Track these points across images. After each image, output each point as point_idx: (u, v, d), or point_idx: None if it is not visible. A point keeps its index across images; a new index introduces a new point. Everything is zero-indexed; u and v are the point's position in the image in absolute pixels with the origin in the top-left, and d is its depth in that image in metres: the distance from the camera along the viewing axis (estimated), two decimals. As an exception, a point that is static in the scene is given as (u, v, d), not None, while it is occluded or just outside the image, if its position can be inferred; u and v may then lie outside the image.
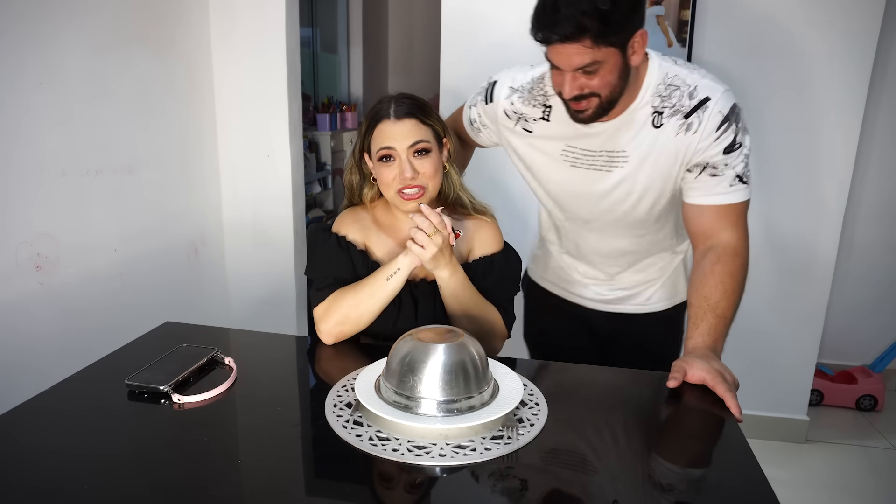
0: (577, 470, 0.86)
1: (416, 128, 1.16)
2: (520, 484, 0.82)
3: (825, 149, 2.10)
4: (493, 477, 0.82)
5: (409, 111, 1.16)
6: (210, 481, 0.81)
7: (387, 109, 1.16)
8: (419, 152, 1.15)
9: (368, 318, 1.18)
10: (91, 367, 1.10)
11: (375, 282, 1.17)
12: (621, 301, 1.47)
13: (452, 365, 0.90)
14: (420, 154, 1.16)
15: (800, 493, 2.10)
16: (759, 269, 2.23)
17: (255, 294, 2.42)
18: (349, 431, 0.89)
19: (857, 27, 1.98)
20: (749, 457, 0.87)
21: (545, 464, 0.86)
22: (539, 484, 0.82)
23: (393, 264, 1.16)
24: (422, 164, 1.16)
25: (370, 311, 1.17)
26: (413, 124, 1.15)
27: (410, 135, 1.15)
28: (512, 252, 1.31)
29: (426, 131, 1.17)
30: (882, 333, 2.73)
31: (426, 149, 1.16)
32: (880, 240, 2.66)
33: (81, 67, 1.67)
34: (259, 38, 2.22)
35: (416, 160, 1.15)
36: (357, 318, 1.17)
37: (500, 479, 0.82)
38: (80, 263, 1.71)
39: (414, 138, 1.15)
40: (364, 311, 1.17)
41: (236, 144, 2.33)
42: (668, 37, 2.05)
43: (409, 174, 1.14)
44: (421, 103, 1.19)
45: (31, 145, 1.54)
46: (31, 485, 0.79)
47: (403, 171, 1.14)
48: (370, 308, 1.17)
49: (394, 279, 1.16)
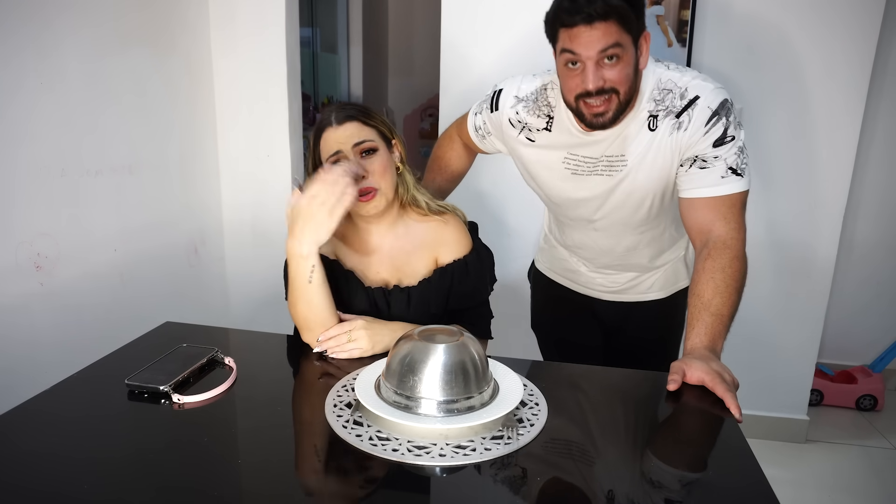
0: (578, 470, 0.86)
1: (359, 129, 1.17)
2: (520, 484, 0.82)
3: (825, 149, 2.10)
4: (493, 477, 0.82)
5: (350, 115, 1.17)
6: (210, 482, 0.81)
7: (328, 118, 1.18)
8: (366, 152, 1.16)
9: (327, 315, 1.15)
10: (91, 367, 1.10)
11: (300, 290, 1.13)
12: (625, 291, 1.49)
13: (452, 365, 0.90)
14: (367, 154, 1.16)
15: (800, 493, 2.10)
16: (759, 269, 2.23)
17: (255, 294, 2.42)
18: (349, 431, 0.89)
19: (857, 27, 1.98)
20: (749, 457, 0.87)
21: (545, 464, 0.86)
22: (539, 484, 0.82)
23: (303, 264, 1.11)
24: (370, 163, 1.16)
25: (320, 311, 1.14)
26: (355, 126, 1.16)
27: (354, 136, 1.16)
28: (483, 249, 1.30)
29: (370, 131, 1.17)
30: (882, 333, 2.73)
31: (372, 147, 1.16)
32: (880, 240, 2.66)
33: (81, 67, 1.67)
34: (259, 38, 2.22)
35: (364, 160, 1.16)
36: (317, 321, 1.15)
37: (500, 480, 0.82)
38: (80, 263, 1.71)
39: (358, 138, 1.16)
40: (316, 315, 1.14)
41: (236, 144, 2.33)
42: (668, 37, 2.05)
43: (359, 172, 1.13)
44: (362, 108, 1.20)
45: (32, 145, 1.54)
46: (30, 485, 0.79)
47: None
48: (318, 310, 1.14)
49: (315, 277, 1.12)
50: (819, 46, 2.01)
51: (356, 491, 0.81)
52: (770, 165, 2.14)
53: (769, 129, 2.11)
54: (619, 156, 1.24)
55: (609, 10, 1.05)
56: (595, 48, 1.08)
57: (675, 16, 2.03)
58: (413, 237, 1.24)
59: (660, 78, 1.20)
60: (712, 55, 2.06)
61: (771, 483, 0.81)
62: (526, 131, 1.32)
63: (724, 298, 1.13)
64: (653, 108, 1.20)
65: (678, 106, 1.18)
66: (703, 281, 1.14)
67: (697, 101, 1.17)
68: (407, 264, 1.24)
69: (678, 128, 1.19)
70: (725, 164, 1.17)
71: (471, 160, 1.58)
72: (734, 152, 1.18)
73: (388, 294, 1.23)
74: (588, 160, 1.27)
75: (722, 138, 1.17)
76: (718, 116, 1.16)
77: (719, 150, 1.17)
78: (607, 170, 1.26)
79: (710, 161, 1.18)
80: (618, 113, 1.15)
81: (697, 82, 1.19)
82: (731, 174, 1.18)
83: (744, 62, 2.06)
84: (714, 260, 1.15)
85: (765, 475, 0.83)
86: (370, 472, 0.83)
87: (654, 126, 1.20)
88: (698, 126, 1.17)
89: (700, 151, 1.18)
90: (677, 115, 1.18)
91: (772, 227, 2.19)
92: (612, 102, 1.13)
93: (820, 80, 2.04)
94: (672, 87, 1.19)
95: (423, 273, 1.24)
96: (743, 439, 0.91)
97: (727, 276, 1.14)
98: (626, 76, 1.12)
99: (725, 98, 1.18)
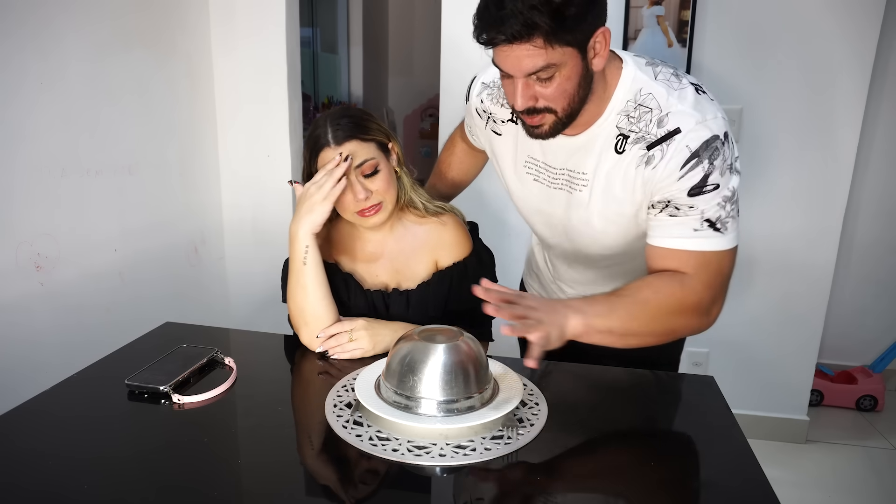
0: (578, 470, 0.86)
1: (359, 148, 1.12)
2: (519, 484, 0.82)
3: (825, 149, 2.10)
4: (493, 477, 0.82)
5: (348, 133, 1.12)
6: (210, 481, 0.81)
7: (325, 136, 1.12)
8: (368, 173, 1.13)
9: (323, 307, 1.15)
10: (91, 367, 1.10)
11: (296, 273, 1.15)
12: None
13: (452, 365, 0.90)
14: (370, 175, 1.14)
15: (800, 493, 2.10)
16: (759, 269, 2.24)
17: (255, 294, 2.42)
18: (349, 431, 0.89)
19: (858, 27, 1.98)
20: (749, 457, 0.87)
21: (545, 464, 0.86)
22: (539, 484, 0.82)
23: (298, 245, 1.13)
24: (373, 182, 1.14)
25: (316, 300, 1.14)
26: (354, 146, 1.12)
27: (354, 157, 1.12)
28: (483, 251, 1.29)
29: (369, 147, 1.14)
30: (882, 333, 2.73)
31: (374, 168, 1.14)
32: (880, 240, 2.65)
33: (82, 67, 1.67)
34: (259, 38, 2.22)
35: (366, 180, 1.13)
36: (313, 314, 1.15)
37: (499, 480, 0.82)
38: (80, 263, 1.71)
39: (359, 159, 1.12)
40: (312, 305, 1.14)
41: (236, 144, 2.33)
42: (668, 37, 2.05)
43: (362, 196, 1.12)
44: (358, 119, 1.15)
45: (32, 145, 1.54)
46: (30, 485, 0.79)
47: (356, 193, 1.12)
48: (314, 299, 1.14)
49: (309, 259, 1.13)
50: (820, 46, 2.01)
51: (356, 491, 0.81)
52: (770, 165, 2.14)
53: (769, 128, 2.11)
54: (582, 172, 1.07)
55: (530, 29, 0.88)
56: (521, 70, 0.93)
57: (675, 16, 2.03)
58: (412, 239, 1.24)
59: (640, 89, 1.00)
60: (712, 55, 2.06)
61: (771, 483, 0.81)
62: (491, 123, 1.20)
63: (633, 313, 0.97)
64: (624, 126, 1.01)
65: (653, 135, 0.98)
66: (633, 284, 1.00)
67: (675, 137, 0.96)
68: (406, 267, 1.24)
69: (647, 163, 0.99)
70: (702, 217, 0.97)
71: (474, 164, 1.48)
72: (716, 203, 0.97)
73: (387, 297, 1.23)
74: (548, 169, 1.13)
75: (700, 186, 0.96)
76: (698, 159, 0.95)
77: (695, 200, 0.97)
78: (567, 185, 1.10)
79: (684, 210, 0.98)
80: (559, 127, 1.00)
81: (684, 109, 0.97)
82: (709, 228, 0.98)
83: (744, 62, 2.06)
84: (658, 278, 1.00)
85: (765, 475, 0.83)
86: (370, 472, 0.83)
87: (621, 148, 1.02)
88: (672, 168, 0.96)
89: (672, 196, 0.98)
90: (648, 147, 0.98)
91: (772, 227, 2.19)
92: (546, 118, 0.98)
93: (820, 80, 2.04)
94: (652, 106, 0.99)
95: (423, 276, 1.24)
96: (743, 439, 0.91)
97: (658, 302, 0.97)
98: (563, 92, 0.95)
99: (715, 135, 0.96)
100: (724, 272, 1.01)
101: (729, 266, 1.01)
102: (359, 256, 1.25)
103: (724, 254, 1.00)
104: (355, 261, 1.25)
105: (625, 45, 2.08)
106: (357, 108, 1.22)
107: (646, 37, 2.06)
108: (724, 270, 1.01)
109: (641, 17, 2.05)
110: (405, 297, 1.22)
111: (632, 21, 2.06)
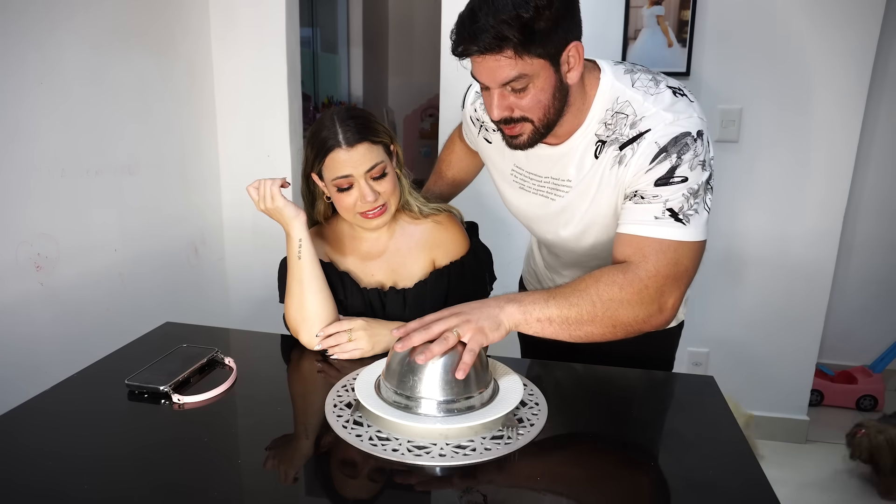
0: (577, 470, 0.86)
1: (370, 151, 1.12)
2: (520, 484, 0.82)
3: (825, 148, 2.10)
4: (493, 477, 0.82)
5: (359, 135, 1.11)
6: (210, 481, 0.81)
7: (335, 137, 1.11)
8: (377, 176, 1.13)
9: (320, 303, 1.15)
10: (91, 368, 1.11)
11: (293, 268, 1.16)
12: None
13: (452, 365, 0.90)
14: (378, 178, 1.13)
15: (800, 493, 2.10)
16: (759, 269, 2.24)
17: (255, 294, 2.42)
18: (349, 431, 0.89)
19: (858, 27, 1.98)
20: (749, 457, 0.87)
21: (545, 464, 0.86)
22: (539, 484, 0.82)
23: (292, 239, 1.16)
24: (381, 184, 1.14)
25: (313, 297, 1.15)
26: (366, 148, 1.11)
27: (365, 160, 1.11)
28: (480, 250, 1.29)
29: (378, 151, 1.13)
30: (882, 333, 2.73)
31: (383, 171, 1.14)
32: (880, 240, 2.66)
33: (81, 67, 1.67)
34: (259, 38, 2.22)
35: (375, 183, 1.13)
36: (310, 311, 1.15)
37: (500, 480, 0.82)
38: (80, 263, 1.71)
39: (370, 163, 1.12)
40: (309, 300, 1.15)
41: (236, 144, 2.33)
42: (668, 37, 2.05)
43: (371, 198, 1.12)
44: (366, 120, 1.14)
45: (31, 145, 1.54)
46: (31, 485, 0.79)
47: (364, 195, 1.12)
48: (311, 294, 1.15)
49: (304, 253, 1.14)
50: (820, 46, 2.01)
51: (356, 491, 0.81)
52: (770, 166, 2.14)
53: (769, 128, 2.11)
54: (566, 180, 1.11)
55: (500, 41, 0.91)
56: (495, 80, 0.96)
57: (675, 16, 2.03)
58: (408, 239, 1.24)
59: (617, 97, 1.04)
60: (712, 55, 2.06)
61: (771, 483, 0.81)
62: (483, 131, 1.23)
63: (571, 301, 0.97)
64: (602, 133, 1.05)
65: (625, 136, 1.02)
66: (579, 277, 1.01)
67: (646, 136, 1.00)
68: (403, 266, 1.24)
69: (619, 162, 1.03)
70: (664, 205, 0.99)
71: (474, 163, 1.49)
72: (681, 195, 0.99)
73: (384, 295, 1.23)
74: (533, 177, 1.16)
75: (667, 177, 0.99)
76: (666, 154, 0.99)
77: (661, 190, 0.99)
78: (552, 192, 1.14)
79: (648, 198, 1.00)
80: (536, 137, 1.03)
81: (657, 111, 1.01)
82: (670, 217, 0.99)
83: (744, 62, 2.06)
84: (604, 269, 1.00)
85: (765, 475, 0.83)
86: (370, 472, 0.83)
87: (598, 153, 1.06)
88: (642, 163, 1.00)
89: (640, 187, 1.01)
90: (620, 147, 1.03)
91: (772, 227, 2.19)
92: (524, 128, 1.01)
93: (820, 80, 2.04)
94: (627, 112, 1.03)
95: (419, 275, 1.24)
96: (743, 439, 0.91)
97: (598, 289, 0.97)
98: (538, 103, 0.98)
99: (686, 132, 0.99)
100: (681, 264, 1.00)
101: (689, 259, 1.01)
102: (355, 255, 1.25)
103: (684, 245, 0.99)
104: (351, 259, 1.26)
105: (625, 45, 2.08)
106: (359, 108, 1.21)
107: (646, 37, 2.06)
108: (681, 262, 1.00)
109: (641, 17, 2.05)
110: (402, 296, 1.22)
111: (632, 21, 2.06)
